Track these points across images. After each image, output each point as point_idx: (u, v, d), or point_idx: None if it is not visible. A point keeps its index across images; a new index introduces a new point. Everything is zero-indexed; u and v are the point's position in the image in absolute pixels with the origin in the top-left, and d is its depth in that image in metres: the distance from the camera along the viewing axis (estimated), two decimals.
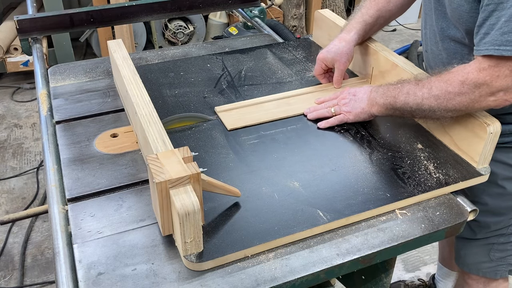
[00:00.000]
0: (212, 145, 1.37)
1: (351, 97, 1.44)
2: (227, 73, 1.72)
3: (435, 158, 1.34)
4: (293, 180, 1.26)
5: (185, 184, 1.03)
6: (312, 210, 1.16)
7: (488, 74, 1.14)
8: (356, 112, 1.41)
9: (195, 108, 1.52)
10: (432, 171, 1.31)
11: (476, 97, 1.18)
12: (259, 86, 1.65)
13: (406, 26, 5.26)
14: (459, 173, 1.29)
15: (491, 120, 1.27)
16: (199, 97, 1.58)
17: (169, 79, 1.68)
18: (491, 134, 1.26)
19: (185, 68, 1.74)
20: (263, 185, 1.24)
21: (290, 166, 1.30)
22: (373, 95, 1.38)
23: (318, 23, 1.88)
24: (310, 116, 1.47)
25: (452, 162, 1.33)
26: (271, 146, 1.37)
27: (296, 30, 4.70)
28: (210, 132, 1.42)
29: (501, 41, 1.10)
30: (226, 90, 1.62)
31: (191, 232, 1.01)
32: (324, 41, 1.86)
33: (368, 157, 1.34)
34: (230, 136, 1.41)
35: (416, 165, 1.32)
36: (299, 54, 1.86)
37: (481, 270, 1.66)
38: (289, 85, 1.66)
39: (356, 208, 1.17)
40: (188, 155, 1.09)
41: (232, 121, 1.45)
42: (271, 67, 1.76)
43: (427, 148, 1.37)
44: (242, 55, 1.84)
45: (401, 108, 1.31)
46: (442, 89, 1.22)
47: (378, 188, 1.23)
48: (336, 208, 1.17)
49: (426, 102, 1.25)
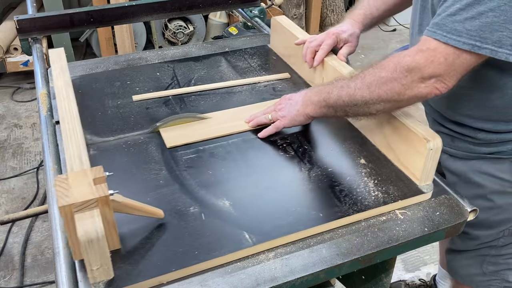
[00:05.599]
0: (146, 161, 1.32)
1: (287, 101, 1.39)
2: (176, 82, 1.66)
3: (377, 174, 1.28)
4: (224, 199, 1.21)
5: (92, 208, 0.97)
6: (238, 232, 1.11)
7: (423, 57, 1.09)
8: (291, 116, 1.35)
9: (135, 119, 1.45)
10: (371, 188, 1.24)
11: (408, 82, 1.12)
12: (206, 96, 1.58)
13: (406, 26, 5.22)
14: (399, 191, 1.24)
15: (432, 136, 1.20)
16: (142, 108, 1.51)
17: (114, 89, 1.60)
18: (431, 151, 1.20)
19: (132, 77, 1.67)
20: (192, 205, 1.19)
21: (224, 183, 1.24)
22: (308, 95, 1.33)
23: (274, 30, 1.82)
24: (250, 124, 1.43)
25: (394, 178, 1.27)
26: (208, 162, 1.31)
27: None
28: (146, 147, 1.35)
29: (450, 28, 1.06)
30: (171, 101, 1.55)
31: (97, 259, 0.96)
32: (280, 49, 1.81)
33: (307, 173, 1.29)
34: (166, 151, 1.34)
35: (356, 182, 1.27)
36: (254, 62, 1.79)
37: (474, 283, 1.60)
38: (238, 95, 1.59)
39: (284, 230, 1.12)
40: (100, 175, 1.02)
41: (172, 137, 1.38)
42: (223, 76, 1.70)
43: (370, 163, 1.31)
44: (195, 63, 1.77)
45: (335, 104, 1.26)
46: (374, 75, 1.17)
47: (311, 208, 1.18)
48: (264, 229, 1.11)
49: (358, 93, 1.19)
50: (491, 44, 1.07)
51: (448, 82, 1.14)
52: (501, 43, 1.05)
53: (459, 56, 1.08)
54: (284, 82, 1.66)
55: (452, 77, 1.11)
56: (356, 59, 4.42)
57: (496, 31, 1.05)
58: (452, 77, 1.11)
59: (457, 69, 1.12)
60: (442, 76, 1.11)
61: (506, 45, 1.07)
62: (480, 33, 1.06)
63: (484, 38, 1.06)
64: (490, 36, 1.06)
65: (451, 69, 1.11)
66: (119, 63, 1.80)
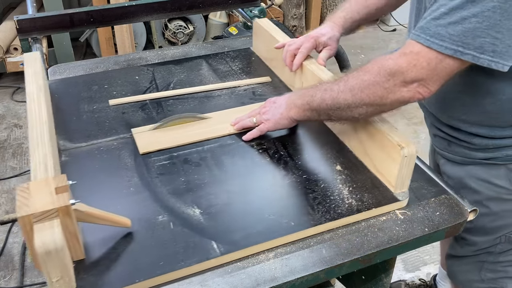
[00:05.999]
0: (117, 167, 1.29)
1: (271, 104, 1.38)
2: (155, 85, 1.62)
3: (352, 181, 1.26)
4: (194, 206, 1.18)
5: (52, 218, 0.94)
6: (206, 242, 1.09)
7: (406, 60, 1.07)
8: (275, 119, 1.33)
9: (110, 124, 1.42)
10: (345, 196, 1.22)
11: (390, 86, 1.10)
12: (185, 100, 1.54)
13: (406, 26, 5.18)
14: (374, 198, 1.21)
15: (406, 143, 1.17)
16: (118, 113, 1.48)
17: (91, 93, 1.57)
18: (406, 158, 1.17)
19: (110, 81, 1.63)
20: (161, 213, 1.17)
21: (196, 191, 1.21)
22: (292, 98, 1.31)
23: (256, 33, 1.78)
24: (235, 127, 1.40)
25: (369, 186, 1.25)
26: (181, 169, 1.27)
27: (296, 30, 4.63)
28: (119, 153, 1.32)
29: (433, 32, 1.04)
30: (148, 105, 1.52)
31: (57, 271, 0.93)
32: (262, 52, 1.77)
33: (281, 180, 1.27)
34: (139, 157, 1.30)
35: (330, 189, 1.24)
36: (235, 65, 1.75)
37: None
38: (217, 99, 1.56)
39: (254, 239, 1.10)
40: (63, 184, 0.98)
41: (146, 143, 1.34)
42: (203, 79, 1.66)
43: (346, 170, 1.29)
44: (175, 66, 1.74)
45: (318, 107, 1.23)
46: (357, 78, 1.15)
47: (283, 216, 1.15)
48: (233, 239, 1.10)
49: (341, 96, 1.17)
50: (473, 50, 1.05)
51: (430, 87, 1.12)
52: (483, 49, 1.05)
53: (442, 61, 1.08)
54: (264, 86, 1.63)
55: (435, 81, 1.11)
56: (356, 59, 4.39)
57: (479, 37, 1.03)
58: (435, 81, 1.11)
59: (439, 74, 1.10)
60: (425, 80, 1.10)
61: (488, 51, 1.04)
62: (462, 39, 1.04)
63: (467, 43, 1.05)
64: (473, 41, 1.04)
65: (433, 73, 1.09)
66: (119, 63, 1.78)
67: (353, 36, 4.87)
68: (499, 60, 1.06)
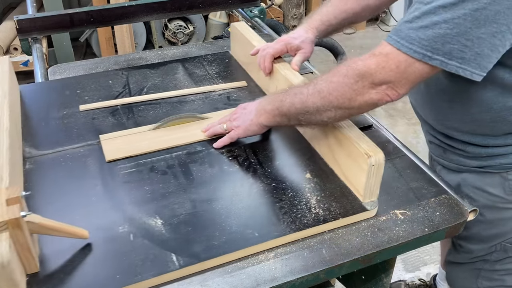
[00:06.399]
0: (82, 176, 1.26)
1: (242, 111, 1.36)
2: (128, 90, 1.58)
3: (321, 189, 1.23)
4: (157, 217, 1.15)
5: (1, 231, 0.90)
6: (165, 254, 1.06)
7: (375, 61, 1.05)
8: (245, 126, 1.30)
9: (78, 131, 1.38)
10: (313, 205, 1.18)
11: (358, 87, 1.08)
12: (157, 105, 1.51)
13: None
14: (342, 208, 1.18)
15: (374, 151, 1.14)
16: (88, 119, 1.44)
17: (62, 98, 1.53)
18: (373, 166, 1.14)
19: (83, 85, 1.59)
20: (122, 224, 1.13)
21: (159, 200, 1.18)
22: (262, 104, 1.28)
23: (234, 37, 1.75)
24: (206, 134, 1.39)
25: (338, 194, 1.21)
26: (146, 177, 1.23)
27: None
28: (85, 160, 1.28)
29: (404, 35, 1.02)
30: (119, 111, 1.48)
31: (4, 286, 0.90)
32: (240, 56, 1.73)
33: (249, 188, 1.23)
34: (105, 164, 1.27)
35: (298, 198, 1.20)
36: (212, 70, 1.71)
37: None
38: (190, 104, 1.52)
39: (215, 252, 1.06)
40: (14, 195, 0.94)
41: (113, 151, 1.30)
42: (178, 84, 1.62)
43: (316, 178, 1.26)
44: (150, 70, 1.70)
45: (288, 112, 1.21)
46: (326, 80, 1.13)
47: (248, 226, 1.12)
48: (194, 251, 1.07)
49: (310, 99, 1.15)
50: (441, 55, 1.02)
51: (399, 90, 1.09)
52: (451, 55, 1.02)
53: (411, 65, 1.05)
54: (240, 91, 1.59)
55: (403, 85, 1.09)
56: None
57: (448, 43, 1.01)
58: (403, 85, 1.09)
59: (408, 78, 1.07)
60: (393, 83, 1.08)
61: (457, 57, 1.02)
62: (432, 43, 1.02)
63: (436, 48, 1.02)
64: (442, 47, 1.02)
65: (402, 76, 1.07)
66: (119, 63, 1.77)
67: (353, 36, 4.88)
68: (467, 67, 1.03)
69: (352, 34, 4.92)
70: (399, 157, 1.35)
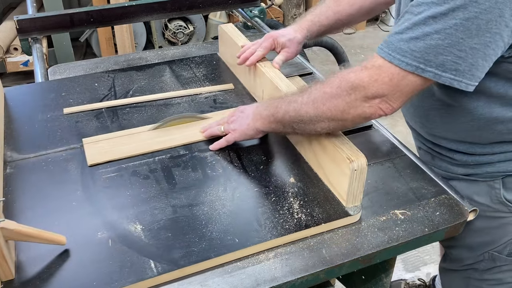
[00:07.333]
0: (63, 180, 1.23)
1: (239, 114, 1.33)
2: (113, 93, 1.56)
3: (304, 194, 1.20)
4: (137, 222, 1.12)
5: None
6: (143, 261, 1.03)
7: (368, 75, 1.03)
8: (242, 129, 1.29)
9: (61, 134, 1.36)
10: (295, 210, 1.16)
11: (351, 100, 1.06)
12: (142, 108, 1.49)
13: None
14: (324, 213, 1.15)
15: (356, 156, 1.12)
16: (71, 122, 1.42)
17: (47, 101, 1.51)
18: (356, 171, 1.11)
19: (68, 88, 1.57)
20: (101, 229, 1.10)
21: (140, 205, 1.15)
22: (259, 108, 1.26)
23: (221, 38, 1.73)
24: (204, 135, 1.36)
25: (321, 199, 1.19)
26: (128, 181, 1.21)
27: None
28: (66, 164, 1.26)
29: (395, 47, 1.00)
30: (104, 113, 1.46)
31: None
32: (228, 58, 1.71)
33: (232, 193, 1.21)
34: (87, 169, 1.25)
35: (280, 203, 1.18)
36: (199, 72, 1.69)
37: None
38: (176, 107, 1.50)
39: (194, 258, 1.04)
40: None
41: (96, 154, 1.28)
42: (164, 86, 1.60)
43: (299, 182, 1.23)
44: (137, 72, 1.68)
45: (282, 119, 1.19)
46: (320, 90, 1.12)
47: (228, 232, 1.10)
48: (173, 257, 1.04)
49: (304, 108, 1.13)
50: (434, 68, 0.99)
51: (393, 103, 1.06)
52: (444, 67, 0.99)
53: (404, 78, 1.03)
54: (227, 93, 1.58)
55: (397, 98, 1.06)
56: (356, 59, 4.32)
57: (441, 55, 0.98)
58: (397, 98, 1.06)
59: (402, 91, 1.04)
60: (387, 96, 1.05)
61: (450, 69, 0.99)
62: (424, 55, 0.99)
63: (428, 60, 0.99)
64: (434, 59, 0.99)
65: (396, 90, 1.04)
66: (119, 63, 1.76)
67: (353, 36, 4.85)
68: (462, 79, 1.00)
69: (352, 34, 4.89)
70: (399, 157, 1.35)
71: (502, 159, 1.26)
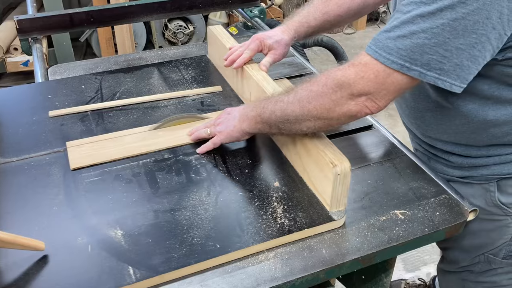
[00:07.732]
0: (45, 184, 1.21)
1: (226, 115, 1.32)
2: (100, 95, 1.54)
3: (288, 199, 1.19)
4: (117, 227, 1.10)
5: None
6: (122, 267, 1.01)
7: (354, 71, 1.03)
8: (228, 131, 1.27)
9: (45, 138, 1.34)
10: (279, 215, 1.14)
11: (337, 98, 1.06)
12: (128, 111, 1.46)
13: None
14: (308, 218, 1.13)
15: (340, 160, 1.10)
16: (56, 125, 1.40)
17: (33, 103, 1.49)
18: (339, 176, 1.10)
19: (56, 90, 1.55)
20: (81, 235, 1.08)
21: (121, 210, 1.14)
22: (245, 110, 1.25)
23: (210, 40, 1.72)
24: (191, 137, 1.35)
25: (305, 204, 1.17)
26: (110, 186, 1.19)
27: None
28: (49, 168, 1.24)
29: (382, 45, 1.00)
30: (89, 116, 1.44)
31: None
32: (216, 60, 1.70)
33: (215, 198, 1.19)
34: (69, 173, 1.23)
35: (264, 207, 1.16)
36: (188, 74, 1.67)
37: None
38: (163, 110, 1.48)
39: (174, 264, 1.02)
40: None
41: (79, 158, 1.26)
42: (152, 88, 1.58)
43: (284, 186, 1.22)
44: (124, 74, 1.65)
45: (269, 119, 1.18)
46: (306, 89, 1.11)
47: (210, 238, 1.08)
48: (152, 263, 1.02)
49: (290, 107, 1.12)
50: (420, 66, 0.99)
51: (379, 102, 1.05)
52: (430, 66, 0.99)
53: (390, 75, 1.02)
54: (214, 96, 1.56)
55: (383, 96, 1.05)
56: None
57: (426, 54, 0.97)
58: (383, 96, 1.05)
59: (388, 89, 1.03)
60: (373, 94, 1.04)
61: (435, 68, 0.98)
62: (410, 54, 0.98)
63: (414, 59, 0.98)
64: (420, 57, 0.98)
65: (381, 87, 1.03)
66: (119, 63, 1.75)
67: (353, 36, 4.82)
68: (446, 79, 0.99)
69: (352, 34, 4.86)
70: (399, 157, 1.34)
71: (497, 162, 1.26)
